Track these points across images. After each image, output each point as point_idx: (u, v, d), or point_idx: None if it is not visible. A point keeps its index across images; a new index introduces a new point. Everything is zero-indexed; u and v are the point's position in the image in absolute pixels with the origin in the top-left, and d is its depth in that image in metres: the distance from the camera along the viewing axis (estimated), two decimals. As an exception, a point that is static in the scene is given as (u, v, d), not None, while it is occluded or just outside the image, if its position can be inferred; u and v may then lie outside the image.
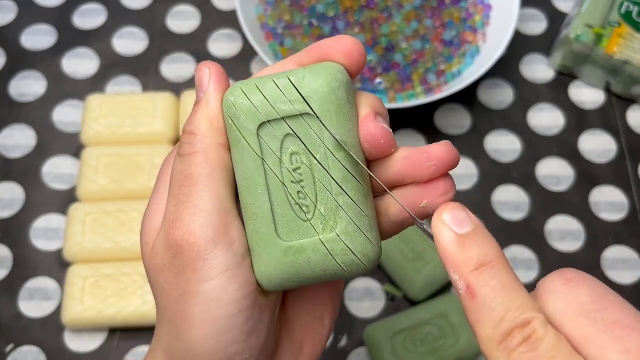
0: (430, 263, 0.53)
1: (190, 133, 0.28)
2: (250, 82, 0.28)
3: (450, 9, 0.63)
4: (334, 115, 0.27)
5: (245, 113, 0.27)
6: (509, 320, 0.23)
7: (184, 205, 0.27)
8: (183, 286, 0.27)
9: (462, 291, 0.24)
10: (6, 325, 0.53)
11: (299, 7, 0.63)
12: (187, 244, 0.27)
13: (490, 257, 0.25)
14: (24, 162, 0.59)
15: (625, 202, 0.58)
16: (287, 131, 0.27)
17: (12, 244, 0.56)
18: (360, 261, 0.27)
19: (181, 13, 0.67)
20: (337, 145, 0.27)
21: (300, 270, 0.27)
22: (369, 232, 0.28)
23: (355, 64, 0.28)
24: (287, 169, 0.27)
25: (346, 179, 0.27)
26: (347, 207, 0.27)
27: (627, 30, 0.60)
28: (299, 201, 0.27)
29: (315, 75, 0.27)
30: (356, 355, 0.52)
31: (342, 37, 0.28)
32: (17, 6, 0.67)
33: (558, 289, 0.24)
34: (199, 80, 0.29)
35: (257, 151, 0.27)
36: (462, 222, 0.25)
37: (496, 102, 0.63)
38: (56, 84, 0.63)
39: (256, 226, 0.27)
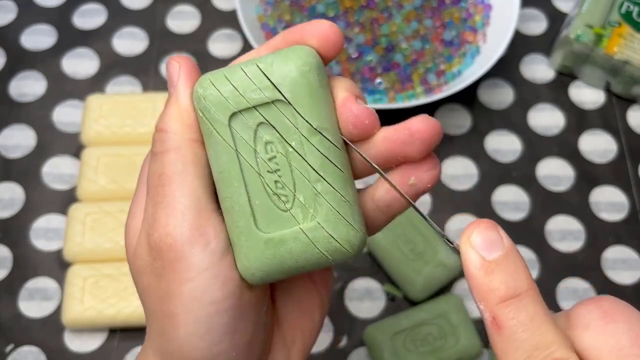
0: (430, 263, 0.53)
1: (161, 130, 0.28)
2: (219, 73, 0.27)
3: (450, 9, 0.63)
4: (307, 100, 0.26)
5: (215, 104, 0.26)
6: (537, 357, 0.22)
7: (159, 206, 0.27)
8: (164, 287, 0.27)
9: (487, 321, 0.23)
10: (6, 325, 0.53)
11: (299, 7, 0.63)
12: (165, 245, 0.26)
13: (520, 288, 0.23)
14: (24, 162, 0.59)
15: (626, 202, 0.58)
16: (260, 120, 0.26)
17: (12, 244, 0.55)
18: (343, 247, 0.26)
19: (181, 13, 0.67)
20: (311, 130, 0.26)
21: (283, 261, 0.27)
22: (351, 217, 0.27)
23: (330, 48, 0.27)
24: (262, 158, 0.27)
25: (323, 164, 0.26)
26: (327, 193, 0.26)
27: (627, 30, 0.60)
28: (277, 191, 0.27)
29: (284, 60, 0.26)
30: (356, 355, 0.52)
31: (318, 21, 0.27)
32: (17, 6, 0.67)
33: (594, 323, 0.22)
34: (169, 75, 0.29)
35: (230, 143, 0.26)
36: (492, 246, 0.24)
37: (496, 102, 0.63)
38: (56, 84, 0.63)
39: (235, 220, 0.27)
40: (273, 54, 0.27)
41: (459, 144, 0.61)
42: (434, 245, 0.53)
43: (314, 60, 0.27)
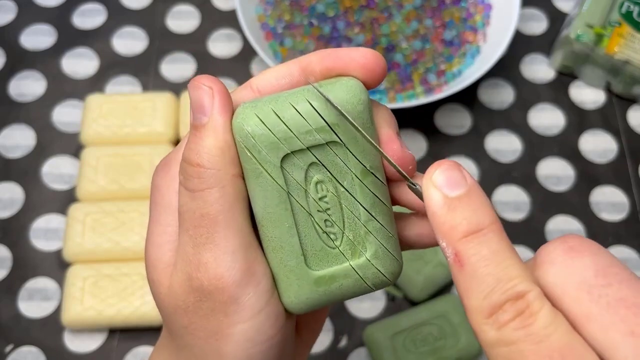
0: (430, 263, 0.53)
1: (198, 165, 0.25)
2: (266, 107, 0.25)
3: (450, 9, 0.63)
4: (360, 141, 0.26)
5: (266, 145, 0.25)
6: (500, 291, 0.21)
7: (205, 247, 0.25)
8: (213, 327, 0.26)
9: (450, 259, 0.23)
10: (6, 325, 0.53)
11: (299, 7, 0.63)
12: (215, 289, 0.25)
13: (483, 223, 0.22)
14: (23, 162, 0.59)
15: (626, 202, 0.58)
16: (312, 160, 0.26)
17: (11, 244, 0.55)
18: (388, 279, 0.27)
19: (181, 13, 0.67)
20: (365, 171, 0.26)
21: (332, 296, 0.27)
22: (395, 250, 0.27)
23: (375, 80, 0.26)
24: (313, 198, 0.26)
25: (375, 204, 0.26)
26: (376, 231, 0.27)
27: (628, 30, 0.60)
28: (326, 229, 0.27)
29: (338, 98, 0.25)
30: (356, 355, 0.52)
31: (362, 49, 0.26)
32: (16, 6, 0.67)
33: (559, 258, 0.22)
34: (198, 100, 0.26)
35: (281, 184, 0.26)
36: (455, 184, 0.23)
37: (496, 102, 0.63)
38: (56, 84, 0.63)
39: (283, 259, 0.26)
40: (322, 89, 0.25)
41: (459, 144, 0.61)
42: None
43: (366, 98, 0.26)
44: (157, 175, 0.28)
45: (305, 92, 0.25)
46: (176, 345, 0.28)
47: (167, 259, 0.27)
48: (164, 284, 0.27)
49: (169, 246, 0.27)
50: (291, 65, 0.27)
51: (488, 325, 0.21)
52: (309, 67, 0.27)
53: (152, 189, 0.28)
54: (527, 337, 0.20)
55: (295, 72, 0.27)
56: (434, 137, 0.61)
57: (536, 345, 0.20)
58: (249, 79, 0.28)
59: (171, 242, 0.27)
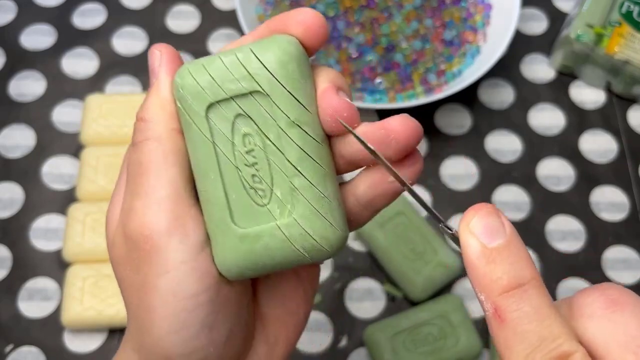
0: (430, 263, 0.53)
1: (141, 119, 0.27)
2: (198, 62, 0.26)
3: (450, 9, 0.63)
4: (285, 92, 0.25)
5: (192, 95, 0.26)
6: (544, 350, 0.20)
7: (137, 196, 0.26)
8: (141, 279, 0.26)
9: (488, 313, 0.22)
10: (6, 325, 0.53)
11: (299, 7, 0.62)
12: (141, 236, 0.26)
13: (524, 278, 0.21)
14: (23, 162, 0.59)
15: (626, 202, 0.58)
16: (238, 111, 0.26)
17: (11, 244, 0.55)
18: (320, 245, 0.26)
19: (181, 13, 0.67)
20: (290, 123, 0.25)
21: (259, 257, 0.26)
22: (329, 214, 0.26)
23: (314, 37, 0.26)
24: (239, 151, 0.26)
25: (301, 159, 0.25)
26: (304, 189, 0.25)
27: (628, 30, 0.60)
28: (254, 185, 0.26)
29: (263, 50, 0.25)
30: (356, 356, 0.52)
31: (302, 9, 0.26)
32: (16, 6, 0.67)
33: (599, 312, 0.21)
34: (150, 64, 0.28)
35: (207, 134, 0.26)
36: (493, 233, 0.22)
37: (496, 102, 0.63)
38: (55, 84, 0.63)
39: (211, 213, 0.26)
40: (253, 44, 0.26)
41: (459, 144, 0.60)
42: (434, 245, 0.53)
43: (295, 50, 0.26)
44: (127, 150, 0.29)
45: (237, 49, 0.26)
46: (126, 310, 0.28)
47: (117, 214, 0.28)
48: (109, 237, 0.28)
49: (121, 203, 0.28)
50: (245, 38, 0.28)
51: None
52: (260, 35, 0.27)
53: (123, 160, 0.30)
54: None
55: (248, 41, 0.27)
56: (434, 137, 0.60)
57: None
58: None
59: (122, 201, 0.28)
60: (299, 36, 0.26)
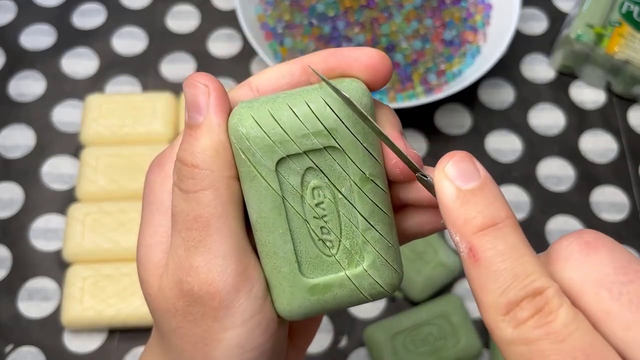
0: (430, 263, 0.53)
1: (192, 166, 0.25)
2: (262, 108, 0.24)
3: (450, 9, 0.63)
4: (361, 147, 0.24)
5: (261, 148, 0.24)
6: (517, 287, 0.20)
7: (196, 251, 0.25)
8: (202, 332, 0.25)
9: (464, 254, 0.22)
10: (5, 325, 0.52)
11: (299, 7, 0.63)
12: (206, 294, 0.25)
13: (498, 217, 0.22)
14: (23, 162, 0.59)
15: (626, 202, 0.58)
16: (309, 165, 0.25)
17: (11, 244, 0.55)
18: (387, 291, 0.26)
19: (181, 12, 0.67)
20: (364, 178, 0.25)
21: (326, 304, 0.26)
22: (395, 261, 0.26)
23: (380, 81, 0.25)
24: (309, 204, 0.25)
25: (374, 212, 0.25)
26: (375, 241, 0.25)
27: (628, 30, 0.60)
28: (322, 236, 0.26)
29: (337, 101, 0.24)
30: (356, 356, 0.52)
31: (367, 49, 0.25)
32: (16, 6, 0.67)
33: (575, 254, 0.21)
34: (193, 99, 0.25)
35: (276, 189, 0.25)
36: (467, 176, 0.22)
37: (497, 101, 0.63)
38: (55, 84, 0.63)
39: (277, 265, 0.26)
40: (323, 90, 0.24)
41: (459, 144, 0.60)
42: (434, 245, 0.53)
43: (369, 101, 0.25)
44: (150, 173, 0.28)
45: (305, 93, 0.25)
46: (165, 346, 0.27)
47: (158, 260, 0.27)
48: (153, 286, 0.27)
49: (160, 247, 0.27)
50: (292, 65, 0.26)
51: (505, 322, 0.20)
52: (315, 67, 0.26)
53: (145, 186, 0.28)
54: (548, 335, 0.20)
55: (296, 71, 0.26)
56: (434, 137, 0.60)
57: (558, 344, 0.20)
58: (248, 77, 0.27)
59: (162, 243, 0.27)
60: (365, 80, 0.25)
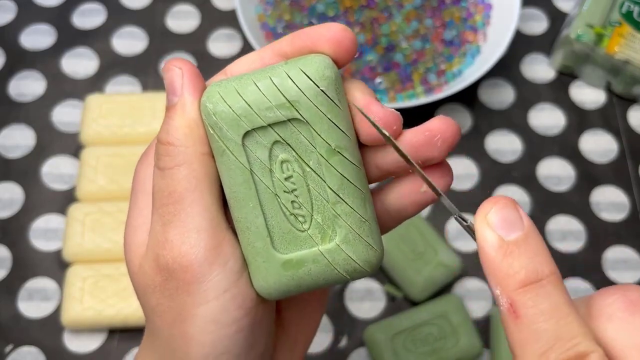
0: (430, 263, 0.53)
1: (167, 143, 0.26)
2: (229, 85, 0.25)
3: (450, 9, 0.63)
4: (325, 119, 0.25)
5: (227, 122, 0.25)
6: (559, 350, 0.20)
7: (171, 225, 0.25)
8: (178, 308, 0.26)
9: (503, 308, 0.21)
10: (5, 325, 0.52)
11: (299, 7, 0.63)
12: (179, 267, 0.25)
13: (542, 273, 0.21)
14: (23, 162, 0.59)
15: (626, 202, 0.58)
16: (275, 138, 0.25)
17: (11, 244, 0.55)
18: (363, 268, 0.26)
19: (181, 12, 0.67)
20: (331, 150, 0.25)
21: (301, 281, 0.26)
22: (370, 237, 0.26)
23: (344, 54, 0.25)
24: (278, 178, 0.25)
25: (343, 185, 0.25)
26: (346, 214, 0.25)
27: (628, 30, 0.60)
28: (294, 211, 0.26)
29: (300, 74, 0.25)
30: (356, 356, 0.52)
31: (330, 24, 0.25)
32: (16, 6, 0.67)
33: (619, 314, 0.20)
34: (169, 81, 0.26)
35: (244, 163, 0.25)
36: (511, 225, 0.22)
37: (497, 101, 0.63)
38: (55, 84, 0.63)
39: (250, 240, 0.26)
40: (286, 65, 0.25)
41: (459, 144, 0.60)
42: (435, 245, 0.53)
43: (332, 73, 0.25)
44: (138, 163, 0.29)
45: (270, 69, 0.25)
46: (151, 334, 0.28)
47: (141, 240, 0.27)
48: (135, 264, 0.27)
49: (144, 227, 0.27)
50: (263, 50, 0.27)
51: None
52: (281, 50, 0.26)
53: (133, 177, 0.29)
54: None
55: (266, 56, 0.27)
56: (434, 137, 0.60)
57: None
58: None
59: (146, 224, 0.27)
60: (330, 54, 0.25)
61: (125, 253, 0.28)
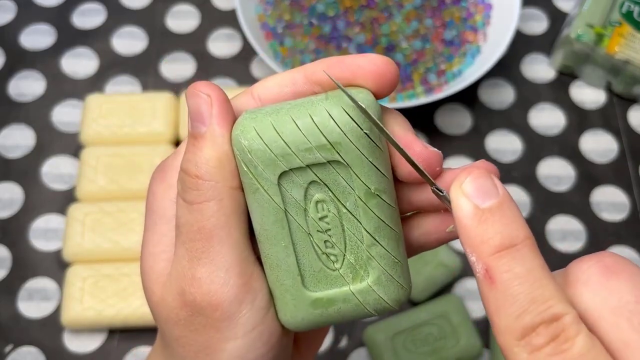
0: (430, 264, 0.53)
1: (196, 177, 0.24)
2: (265, 120, 0.24)
3: (450, 9, 0.63)
4: (366, 161, 0.24)
5: (263, 161, 0.24)
6: (534, 312, 0.20)
7: (200, 262, 0.25)
8: (204, 342, 0.25)
9: (479, 275, 0.21)
10: (5, 325, 0.52)
11: (299, 7, 0.63)
12: (208, 305, 0.25)
13: (517, 238, 0.21)
14: (23, 162, 0.59)
15: (626, 202, 0.58)
16: (312, 178, 0.24)
17: (11, 244, 0.55)
18: (391, 306, 0.26)
19: (181, 12, 0.67)
20: (370, 193, 0.24)
21: (329, 318, 0.26)
22: (401, 277, 0.26)
23: (387, 88, 0.24)
24: (312, 218, 0.25)
25: (379, 228, 0.25)
26: (380, 256, 0.25)
27: (628, 30, 0.60)
28: (326, 250, 0.25)
29: (342, 114, 0.23)
30: (356, 356, 0.52)
31: (371, 56, 0.24)
32: (16, 5, 0.67)
33: (594, 278, 0.20)
34: (196, 108, 0.25)
35: (278, 202, 0.24)
36: (486, 193, 0.22)
37: (497, 101, 0.63)
38: (55, 84, 0.63)
39: (280, 277, 0.25)
40: (327, 102, 0.24)
41: (459, 144, 0.60)
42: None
43: (375, 112, 0.24)
44: (153, 181, 0.27)
45: (309, 104, 0.24)
46: (168, 353, 0.27)
47: (161, 268, 0.26)
48: (156, 294, 0.26)
49: (164, 256, 0.26)
50: (295, 73, 0.25)
51: (520, 347, 0.20)
52: (314, 75, 0.25)
53: (148, 195, 0.27)
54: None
55: (299, 80, 0.25)
56: (434, 137, 0.60)
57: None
58: (251, 85, 0.26)
59: (166, 252, 0.26)
60: (371, 87, 0.24)
61: (143, 280, 0.27)
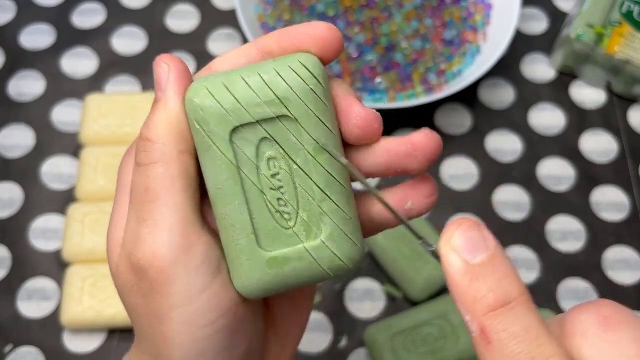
0: (430, 263, 0.53)
1: (147, 139, 0.26)
2: (216, 81, 0.25)
3: (450, 9, 0.63)
4: (314, 117, 0.25)
5: (214, 118, 0.25)
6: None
7: (144, 223, 0.25)
8: (154, 309, 0.25)
9: (475, 335, 0.21)
10: (5, 325, 0.52)
11: (299, 7, 0.62)
12: (151, 267, 0.25)
13: (511, 295, 0.20)
14: (22, 162, 0.59)
15: (627, 202, 0.58)
16: (263, 135, 0.25)
17: (11, 244, 0.55)
18: (346, 265, 0.26)
19: (181, 12, 0.67)
20: (319, 148, 0.25)
21: (285, 279, 0.26)
22: (353, 234, 0.26)
23: (330, 52, 0.26)
24: (265, 175, 0.25)
25: (329, 183, 0.25)
26: (331, 212, 0.26)
27: (628, 30, 0.60)
28: (280, 209, 0.26)
29: (289, 71, 0.25)
30: (356, 356, 0.52)
31: (316, 23, 0.26)
32: (16, 5, 0.67)
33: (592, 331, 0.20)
34: (157, 77, 0.26)
35: (231, 159, 0.25)
36: (475, 248, 0.21)
37: (497, 101, 0.63)
38: (55, 84, 0.63)
39: (235, 237, 0.26)
40: (275, 63, 0.25)
41: (459, 144, 0.60)
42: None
43: (320, 72, 0.25)
44: (124, 157, 0.28)
45: (258, 66, 0.25)
46: (138, 334, 0.27)
47: (119, 237, 0.27)
48: (113, 262, 0.27)
49: (123, 224, 0.27)
50: (249, 47, 0.26)
51: None
52: (267, 47, 0.26)
53: (118, 170, 0.28)
54: None
55: (252, 52, 0.26)
56: (434, 137, 0.60)
57: None
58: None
59: (124, 220, 0.27)
60: (315, 52, 0.26)
61: (107, 251, 0.28)
